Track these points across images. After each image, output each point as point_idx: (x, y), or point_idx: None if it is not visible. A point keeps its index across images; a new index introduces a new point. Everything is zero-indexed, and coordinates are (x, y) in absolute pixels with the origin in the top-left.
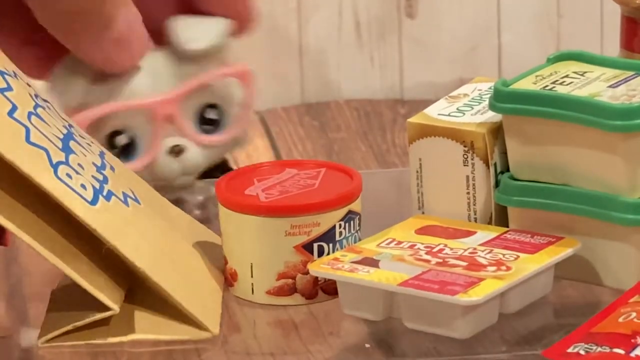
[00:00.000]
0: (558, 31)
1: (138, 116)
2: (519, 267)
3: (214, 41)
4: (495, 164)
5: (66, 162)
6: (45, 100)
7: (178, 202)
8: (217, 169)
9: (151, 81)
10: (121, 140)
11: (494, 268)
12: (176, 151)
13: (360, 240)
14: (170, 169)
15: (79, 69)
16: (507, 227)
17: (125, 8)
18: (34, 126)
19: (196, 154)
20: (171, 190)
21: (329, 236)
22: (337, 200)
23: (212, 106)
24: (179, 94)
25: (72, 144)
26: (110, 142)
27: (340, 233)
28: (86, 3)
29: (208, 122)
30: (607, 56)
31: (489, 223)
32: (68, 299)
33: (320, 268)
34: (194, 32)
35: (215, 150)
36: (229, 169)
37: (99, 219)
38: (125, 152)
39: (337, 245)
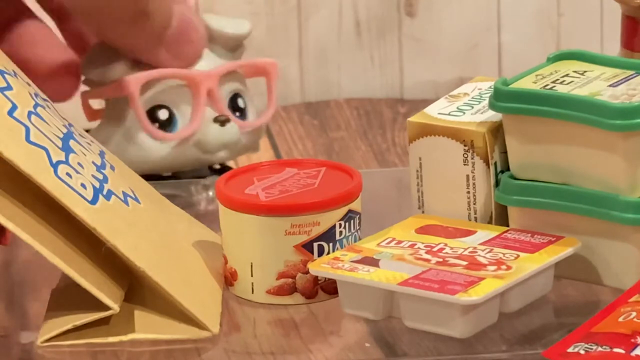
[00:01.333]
0: (558, 30)
1: (178, 90)
2: (519, 267)
3: (245, 31)
4: (495, 163)
5: (66, 162)
6: (45, 100)
7: (177, 200)
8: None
9: None
10: (162, 114)
11: (494, 267)
12: (221, 120)
13: (360, 239)
14: (215, 137)
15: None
16: (507, 226)
17: (176, 4)
18: (34, 125)
19: (237, 130)
20: (204, 166)
21: (329, 235)
22: (337, 199)
23: (241, 97)
24: (219, 71)
25: (72, 143)
26: (151, 117)
27: (340, 232)
28: (148, 4)
29: (238, 109)
30: (608, 55)
31: (489, 222)
32: (68, 299)
33: (320, 267)
34: (226, 24)
35: (245, 137)
36: (229, 168)
37: (99, 218)
38: (166, 127)
39: (337, 244)
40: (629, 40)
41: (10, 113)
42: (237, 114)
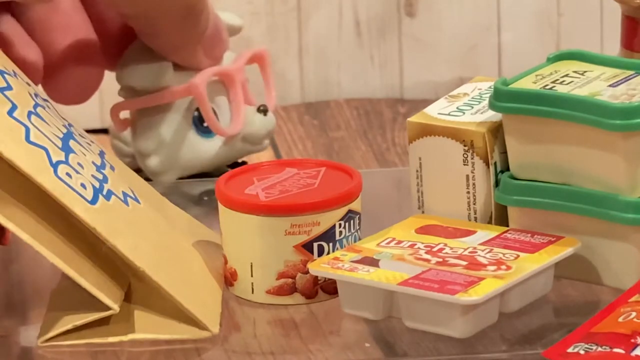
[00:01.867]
0: (558, 30)
1: (214, 89)
2: (519, 267)
3: (240, 21)
4: (495, 164)
5: (66, 162)
6: (45, 100)
7: (178, 201)
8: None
9: None
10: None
11: (494, 267)
12: (263, 109)
13: (360, 239)
14: (261, 127)
15: (148, 54)
16: (507, 226)
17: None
18: (34, 125)
19: (273, 116)
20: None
21: (329, 235)
22: (337, 199)
23: None
24: (241, 65)
25: (71, 143)
26: (198, 119)
27: (340, 232)
28: (197, 3)
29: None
30: (607, 55)
31: (489, 222)
32: (68, 299)
33: (320, 267)
34: (223, 15)
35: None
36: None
37: (99, 218)
38: (202, 124)
39: (337, 244)
40: (629, 40)
41: (10, 113)
42: None
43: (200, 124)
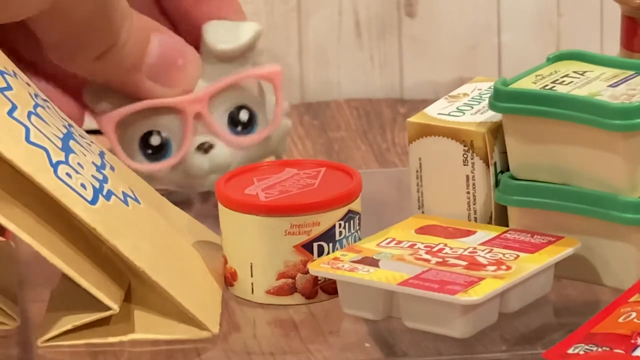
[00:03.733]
0: (558, 30)
1: (169, 116)
2: (518, 267)
3: (242, 43)
4: (495, 164)
5: (66, 162)
6: (45, 100)
7: (179, 202)
8: None
9: None
10: (154, 140)
11: (493, 267)
12: (204, 148)
13: (360, 239)
14: (199, 166)
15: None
16: (507, 226)
17: (158, 33)
18: (34, 125)
19: (225, 152)
20: (200, 189)
21: (328, 236)
22: (337, 199)
23: (245, 108)
24: (207, 93)
25: (71, 143)
26: (144, 142)
27: (340, 232)
28: (107, 42)
29: (240, 123)
30: (607, 55)
31: (489, 222)
32: (68, 299)
33: (320, 267)
34: (225, 34)
35: (247, 151)
36: None
37: (99, 218)
38: (160, 152)
39: (337, 244)
40: (629, 41)
41: (10, 113)
42: (239, 128)
43: (146, 150)
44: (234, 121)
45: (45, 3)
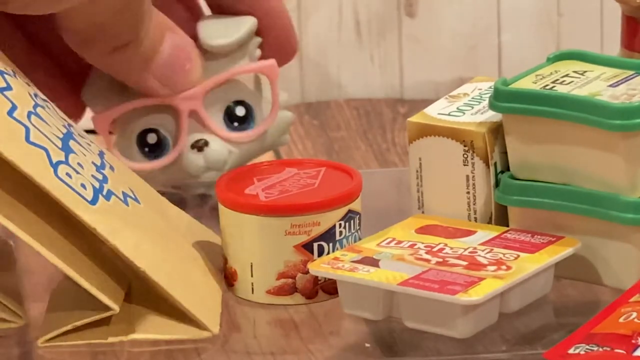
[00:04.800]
0: (558, 30)
1: (164, 114)
2: (519, 267)
3: (237, 38)
4: (495, 164)
5: (66, 162)
6: (44, 100)
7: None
8: None
9: None
10: (151, 138)
11: (494, 267)
12: (199, 146)
13: (360, 239)
14: (195, 164)
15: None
16: (507, 226)
17: (171, 33)
18: (34, 125)
19: (221, 149)
20: (197, 187)
21: (329, 235)
22: (337, 199)
23: (241, 103)
24: (201, 90)
25: (71, 143)
26: (141, 141)
27: (341, 232)
28: (128, 36)
29: (237, 119)
30: (608, 55)
31: (489, 222)
32: (68, 299)
33: (320, 267)
34: (219, 29)
35: (244, 147)
36: None
37: (99, 218)
38: (157, 150)
39: (337, 244)
40: (629, 40)
41: (10, 113)
42: (236, 124)
43: (143, 148)
44: (230, 117)
45: None
